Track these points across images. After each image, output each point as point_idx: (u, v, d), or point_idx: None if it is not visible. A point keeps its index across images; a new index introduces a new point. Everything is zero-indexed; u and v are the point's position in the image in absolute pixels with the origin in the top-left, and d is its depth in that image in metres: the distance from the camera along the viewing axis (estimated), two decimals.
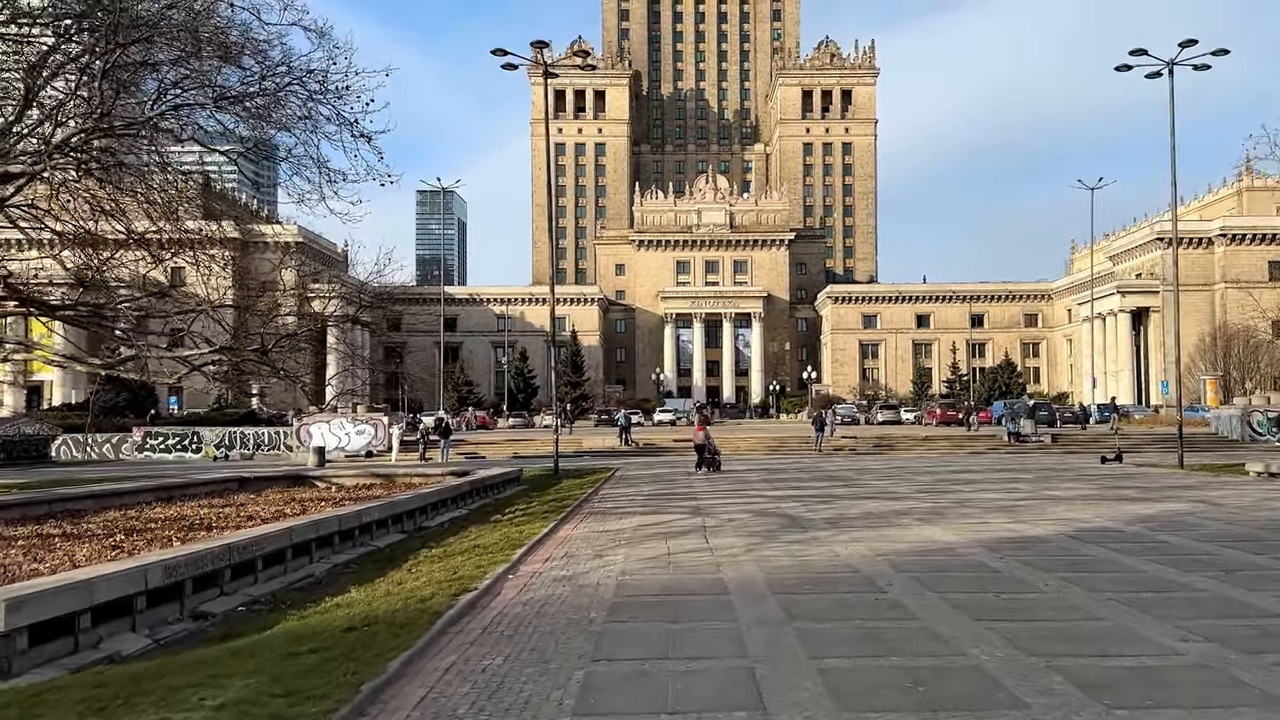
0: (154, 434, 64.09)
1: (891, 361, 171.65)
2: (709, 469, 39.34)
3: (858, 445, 61.80)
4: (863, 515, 22.94)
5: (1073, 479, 34.91)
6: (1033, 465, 44.68)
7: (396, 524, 23.29)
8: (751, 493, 30.19)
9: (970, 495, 28.19)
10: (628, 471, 42.91)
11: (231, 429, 64.33)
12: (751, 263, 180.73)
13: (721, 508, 25.02)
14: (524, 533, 19.61)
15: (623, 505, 26.60)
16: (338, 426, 61.16)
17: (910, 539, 18.48)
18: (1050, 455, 55.34)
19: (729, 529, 20.18)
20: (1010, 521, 21.25)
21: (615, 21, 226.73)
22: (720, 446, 65.23)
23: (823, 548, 17.35)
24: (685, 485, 33.92)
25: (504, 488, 35.82)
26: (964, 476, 36.72)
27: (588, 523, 22.16)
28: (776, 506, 25.24)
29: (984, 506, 24.71)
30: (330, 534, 19.18)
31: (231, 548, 15.13)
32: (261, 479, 38.09)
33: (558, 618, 11.49)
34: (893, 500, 26.84)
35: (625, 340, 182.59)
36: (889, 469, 42.28)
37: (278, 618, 12.44)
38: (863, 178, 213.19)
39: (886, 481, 34.33)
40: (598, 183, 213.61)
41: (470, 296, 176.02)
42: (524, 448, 63.99)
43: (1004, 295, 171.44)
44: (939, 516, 22.40)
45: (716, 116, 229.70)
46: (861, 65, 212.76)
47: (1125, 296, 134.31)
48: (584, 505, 26.92)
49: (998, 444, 61.95)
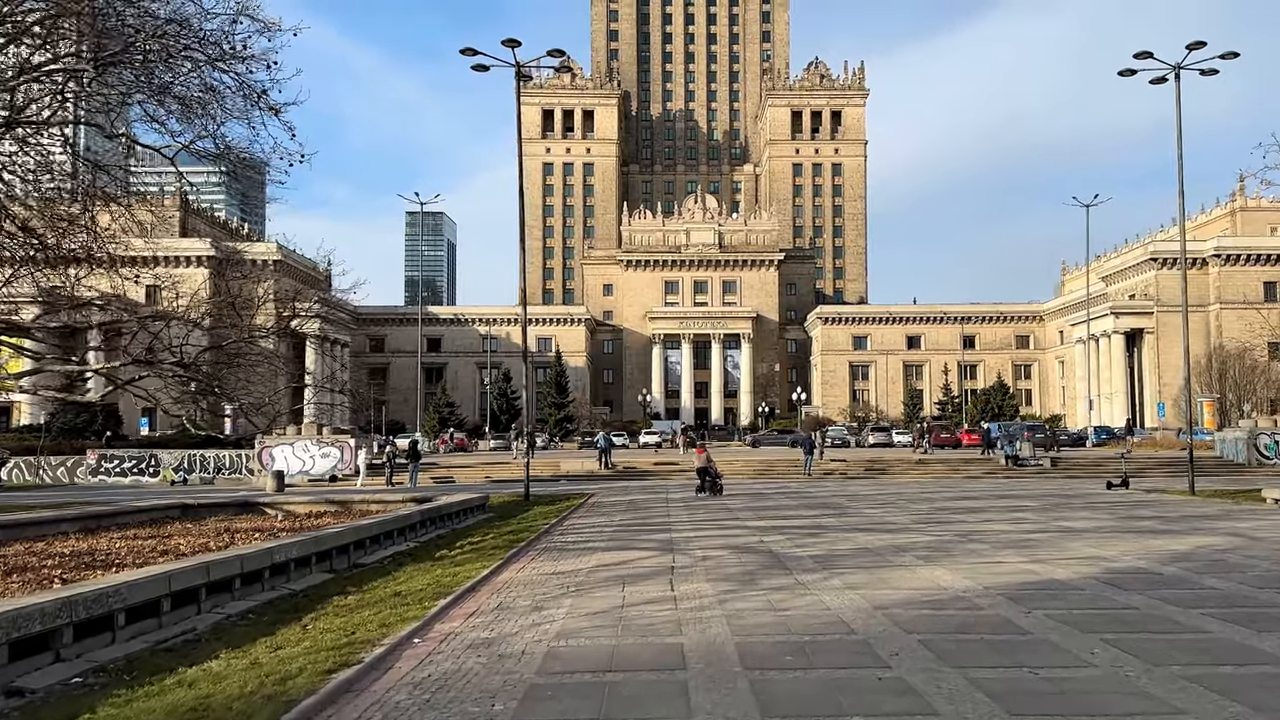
0: (109, 457, 60.80)
1: (882, 383, 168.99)
2: (710, 493, 38.53)
3: (849, 469, 58.93)
4: (856, 551, 20.03)
5: (1082, 507, 32.09)
6: (1035, 491, 41.89)
7: (323, 562, 20.30)
8: (733, 523, 27.26)
9: (975, 527, 25.32)
10: (603, 498, 39.95)
11: (191, 451, 61.05)
12: (741, 283, 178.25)
13: (697, 542, 22.09)
14: (459, 575, 16.65)
15: (586, 538, 23.66)
16: (301, 449, 57.96)
17: (913, 584, 15.58)
18: (1050, 480, 52.58)
19: (700, 571, 17.24)
20: (1027, 561, 18.38)
21: (604, 42, 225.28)
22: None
23: (810, 596, 14.43)
24: (661, 514, 30.97)
25: (465, 516, 32.84)
26: (965, 504, 33.87)
27: (540, 561, 19.19)
28: (759, 540, 22.31)
29: (994, 541, 21.83)
30: (228, 577, 16.18)
31: (73, 602, 12.13)
32: (206, 506, 35.01)
33: (451, 712, 8.53)
34: (890, 532, 23.95)
35: (613, 361, 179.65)
36: (883, 495, 39.40)
37: (93, 701, 9.45)
38: (853, 199, 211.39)
39: (881, 510, 31.44)
40: (586, 203, 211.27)
41: (455, 316, 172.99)
42: (500, 471, 61.00)
43: (995, 316, 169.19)
44: (943, 554, 19.51)
45: (706, 137, 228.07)
46: (851, 86, 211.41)
47: (1119, 318, 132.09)
48: (544, 538, 23.98)
49: (994, 468, 59.16)
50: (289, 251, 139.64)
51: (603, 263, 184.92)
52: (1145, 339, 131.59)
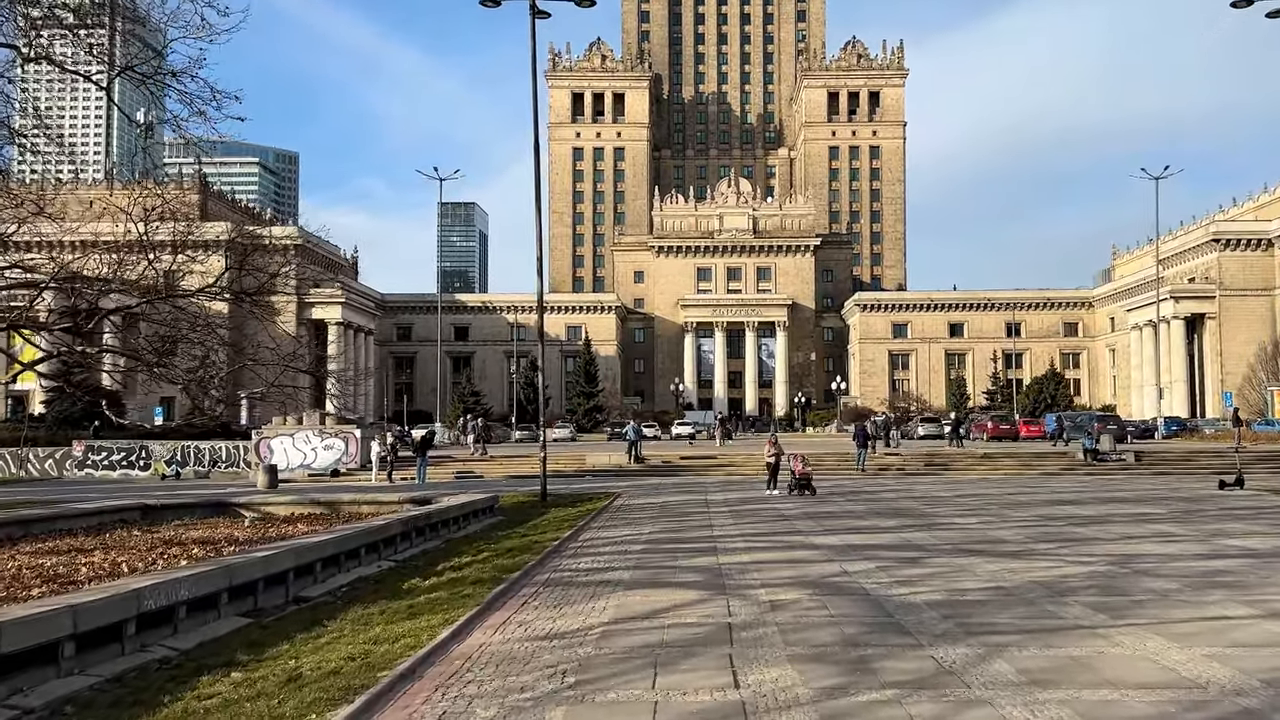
0: (97, 448, 56.07)
1: (923, 372, 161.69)
2: (799, 491, 34.57)
3: (905, 464, 52.81)
4: (994, 596, 14.15)
5: (1221, 515, 25.95)
6: (1138, 492, 35.69)
7: (243, 598, 14.79)
8: (795, 538, 21.46)
9: (1122, 548, 19.33)
10: (631, 499, 34.27)
11: (185, 443, 56.11)
12: (775, 269, 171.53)
13: (755, 571, 16.33)
14: (404, 641, 10.98)
15: (605, 562, 17.99)
16: (302, 441, 52.74)
17: (1138, 677, 9.67)
18: (1141, 478, 46.20)
19: (774, 636, 11.44)
20: (1262, 615, 12.41)
21: (635, 24, 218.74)
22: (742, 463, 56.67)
23: (979, 712, 8.55)
24: (701, 522, 25.19)
25: (468, 521, 27.38)
26: (1071, 511, 27.76)
27: (533, 608, 13.53)
28: (840, 571, 16.49)
29: (1172, 574, 15.86)
30: (51, 642, 10.61)
31: None
32: (172, 507, 29.92)
33: None
34: (1014, 557, 18.02)
35: (644, 350, 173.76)
36: (962, 497, 33.34)
37: None
38: (891, 182, 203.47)
39: (976, 519, 25.43)
40: (617, 188, 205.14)
41: (483, 304, 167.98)
42: (523, 465, 55.41)
43: (1041, 303, 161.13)
44: (1124, 599, 13.60)
45: (739, 120, 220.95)
46: (890, 66, 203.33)
47: (1179, 302, 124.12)
48: (550, 560, 18.36)
49: (1071, 463, 52.74)
50: (310, 235, 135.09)
51: (633, 249, 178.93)
52: (1206, 324, 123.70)
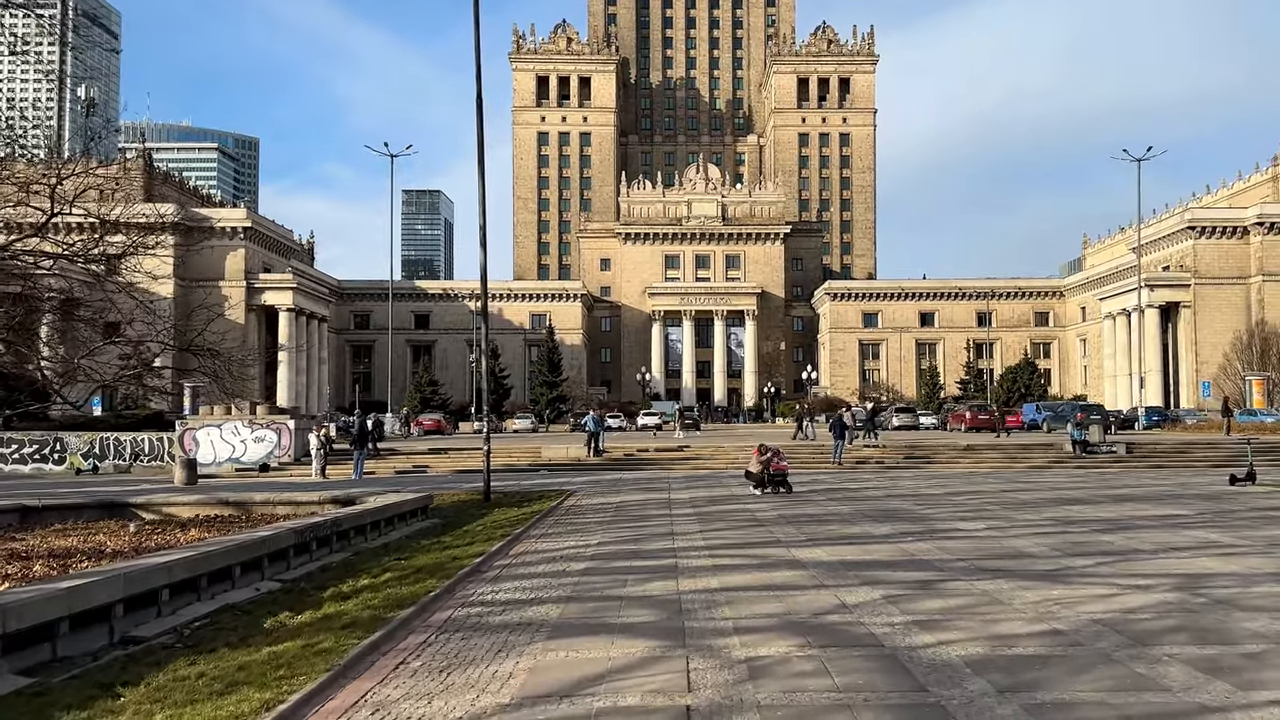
0: (6, 441, 51.15)
1: (894, 362, 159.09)
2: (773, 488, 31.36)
3: (885, 457, 49.37)
4: (1051, 644, 10.44)
5: (1252, 516, 22.56)
6: (1144, 488, 32.43)
7: (35, 645, 10.79)
8: (774, 552, 17.69)
9: (1177, 565, 15.73)
10: (584, 497, 30.40)
11: (105, 435, 51.41)
12: (745, 257, 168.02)
13: (725, 607, 12.53)
14: None
15: (531, 591, 14.10)
16: (230, 432, 48.30)
17: None
18: (1137, 471, 43.12)
19: None
20: None
21: (602, 6, 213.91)
22: (710, 455, 53.05)
23: None
24: (662, 530, 21.38)
25: (391, 525, 23.46)
26: (1083, 513, 24.25)
27: (411, 672, 9.62)
28: (837, 602, 12.73)
29: (1270, 605, 12.24)
30: None
31: None
32: (56, 509, 25.66)
33: None
34: (1051, 581, 14.33)
35: (610, 340, 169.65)
36: (956, 496, 29.77)
37: None
38: (861, 170, 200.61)
39: (980, 523, 21.80)
40: (583, 174, 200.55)
41: (444, 292, 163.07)
42: (475, 459, 51.33)
43: (1013, 292, 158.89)
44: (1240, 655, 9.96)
45: (708, 106, 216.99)
46: (861, 52, 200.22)
47: (1154, 290, 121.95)
48: (460, 587, 14.46)
49: (1059, 455, 49.61)
50: (260, 218, 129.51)
51: (600, 236, 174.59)
52: (1181, 313, 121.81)
